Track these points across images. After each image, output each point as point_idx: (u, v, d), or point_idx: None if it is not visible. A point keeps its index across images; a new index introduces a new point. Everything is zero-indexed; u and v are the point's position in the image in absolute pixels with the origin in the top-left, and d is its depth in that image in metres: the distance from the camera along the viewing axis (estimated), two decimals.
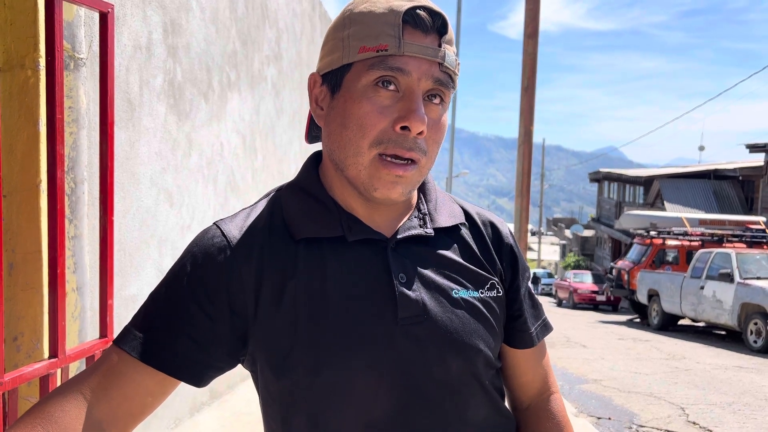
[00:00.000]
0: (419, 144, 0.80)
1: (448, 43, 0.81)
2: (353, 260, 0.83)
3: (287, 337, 0.80)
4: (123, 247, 2.50)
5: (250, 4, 4.06)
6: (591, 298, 19.48)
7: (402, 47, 0.77)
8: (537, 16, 8.30)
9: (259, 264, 0.82)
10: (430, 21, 0.79)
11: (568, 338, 9.61)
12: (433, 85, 0.80)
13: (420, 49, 0.78)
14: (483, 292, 0.88)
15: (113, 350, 0.81)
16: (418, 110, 0.78)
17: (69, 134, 2.02)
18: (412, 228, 0.87)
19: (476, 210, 0.97)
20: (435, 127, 0.82)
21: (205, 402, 3.65)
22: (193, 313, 0.81)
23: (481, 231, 0.94)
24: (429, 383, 0.82)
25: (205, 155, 3.38)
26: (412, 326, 0.81)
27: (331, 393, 0.80)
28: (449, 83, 0.81)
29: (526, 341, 0.95)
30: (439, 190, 0.95)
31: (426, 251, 0.87)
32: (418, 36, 0.78)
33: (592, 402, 5.38)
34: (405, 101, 0.79)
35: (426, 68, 0.79)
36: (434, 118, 0.81)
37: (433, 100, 0.81)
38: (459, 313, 0.85)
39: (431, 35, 0.79)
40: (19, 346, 1.90)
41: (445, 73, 0.80)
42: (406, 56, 0.78)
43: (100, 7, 1.74)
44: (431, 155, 0.83)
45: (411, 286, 0.83)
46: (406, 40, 0.78)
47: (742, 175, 21.41)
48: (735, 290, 9.62)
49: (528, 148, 8.38)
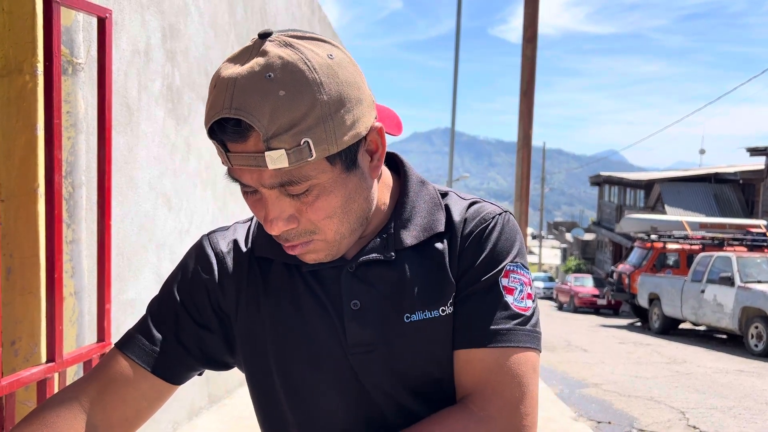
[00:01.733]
0: (296, 234, 0.76)
1: (275, 135, 0.67)
2: (314, 283, 0.84)
3: (263, 353, 0.85)
4: (121, 252, 2.50)
5: (249, 8, 4.07)
6: (592, 302, 19.44)
7: (228, 161, 0.71)
8: (536, 20, 8.31)
9: (238, 278, 0.87)
10: (238, 129, 0.67)
11: (568, 342, 9.60)
12: (276, 187, 0.71)
13: (243, 158, 0.69)
14: (445, 309, 0.81)
15: (114, 354, 0.85)
16: (268, 218, 0.73)
17: (67, 139, 2.02)
18: (373, 251, 0.83)
19: (464, 212, 0.86)
20: (311, 208, 0.73)
21: (204, 406, 3.65)
22: (183, 321, 0.85)
23: (457, 240, 0.84)
24: (387, 409, 0.82)
25: (204, 159, 3.38)
26: (362, 355, 0.81)
27: (306, 410, 0.84)
28: (296, 177, 0.70)
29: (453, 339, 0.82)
30: (424, 194, 0.87)
31: (386, 273, 0.82)
32: (237, 145, 0.69)
33: (593, 406, 5.37)
34: (263, 206, 0.75)
35: (257, 176, 0.71)
36: (305, 201, 0.73)
37: (292, 191, 0.72)
38: (411, 340, 0.81)
39: (251, 138, 0.68)
40: (16, 351, 1.90)
41: (285, 171, 0.69)
42: (236, 168, 0.71)
43: (99, 12, 1.75)
44: (328, 229, 0.75)
45: (363, 314, 0.81)
46: (230, 153, 0.70)
47: (743, 178, 21.39)
48: (736, 294, 9.60)
49: (527, 153, 8.38)
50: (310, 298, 0.83)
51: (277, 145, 0.67)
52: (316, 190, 0.72)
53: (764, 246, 12.86)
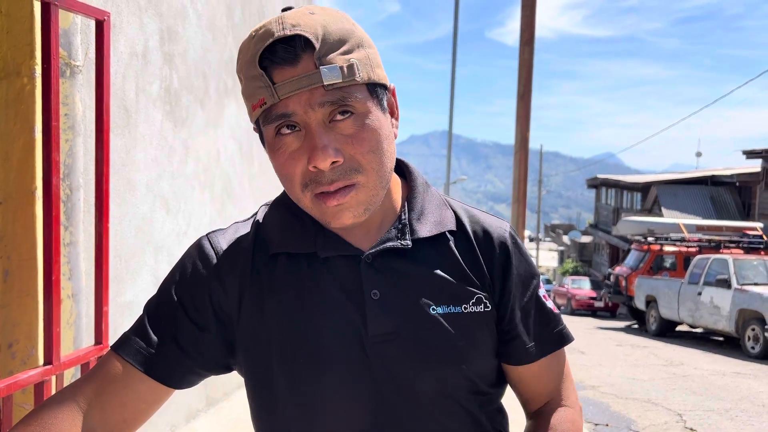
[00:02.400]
0: (341, 171, 0.76)
1: (327, 53, 0.73)
2: (328, 276, 0.83)
3: (266, 353, 0.82)
4: (119, 254, 2.50)
5: (247, 10, 4.08)
6: (589, 304, 19.46)
7: (275, 94, 0.73)
8: (533, 23, 8.33)
9: (242, 277, 0.84)
10: (290, 50, 0.72)
11: None
12: (327, 108, 0.74)
13: (293, 83, 0.73)
14: (467, 307, 0.83)
15: (110, 356, 0.83)
16: (317, 147, 0.74)
17: (65, 141, 2.02)
18: (389, 240, 0.84)
19: (472, 216, 0.91)
20: (355, 140, 0.76)
21: (201, 409, 3.64)
22: (182, 322, 0.83)
23: (471, 240, 0.88)
24: (402, 403, 0.80)
25: (202, 162, 3.38)
26: (383, 344, 0.80)
27: (310, 408, 0.81)
28: (348, 95, 0.74)
29: (521, 357, 0.89)
30: (430, 194, 0.91)
31: (405, 265, 0.84)
32: (288, 71, 0.73)
33: (590, 408, 5.37)
34: (306, 139, 0.76)
35: (307, 99, 0.73)
36: (350, 133, 0.76)
37: (339, 117, 0.75)
38: (434, 331, 0.81)
39: (302, 61, 0.73)
40: (14, 353, 1.90)
41: (335, 89, 0.74)
42: (284, 99, 0.74)
43: (97, 15, 1.75)
44: (370, 167, 0.77)
45: (384, 303, 0.81)
46: (277, 83, 0.73)
47: (739, 181, 21.45)
48: (732, 296, 9.62)
49: (524, 155, 8.39)
50: (322, 291, 0.81)
51: (329, 61, 0.73)
52: (360, 120, 0.76)
53: (761, 248, 12.89)
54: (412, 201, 0.89)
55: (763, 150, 18.43)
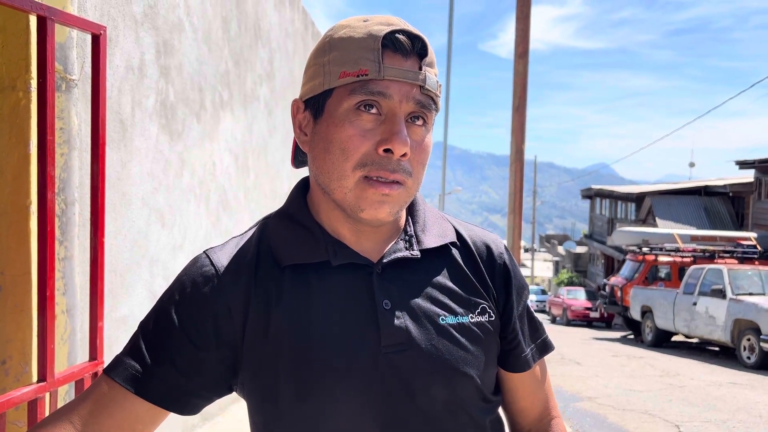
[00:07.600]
0: (403, 166, 0.79)
1: (428, 65, 0.81)
2: (338, 286, 0.82)
3: (273, 367, 0.80)
4: (114, 269, 2.49)
5: (242, 24, 4.09)
6: (584, 314, 19.45)
7: (382, 71, 0.77)
8: (527, 36, 8.39)
9: (246, 293, 0.82)
10: (409, 44, 0.79)
11: (562, 355, 9.57)
12: (414, 108, 0.80)
13: (400, 72, 0.78)
14: (473, 316, 0.85)
15: (103, 379, 0.81)
16: (401, 132, 0.77)
17: (60, 155, 2.01)
18: (398, 251, 0.85)
19: (469, 229, 0.94)
20: (419, 148, 0.81)
21: (197, 424, 3.61)
22: (180, 343, 0.80)
23: (472, 252, 0.91)
24: (413, 414, 0.80)
25: (197, 175, 3.37)
26: (395, 354, 0.80)
27: (316, 422, 0.79)
28: (431, 105, 0.81)
29: (521, 364, 0.92)
30: (429, 208, 0.93)
31: (414, 276, 0.85)
32: (398, 60, 0.78)
33: (587, 420, 5.35)
34: (387, 124, 0.78)
35: (407, 91, 0.79)
36: (417, 140, 0.81)
37: (416, 122, 0.81)
38: (445, 341, 0.82)
39: (411, 58, 0.79)
40: (7, 370, 1.88)
41: (426, 95, 0.80)
42: (387, 80, 0.78)
43: (93, 29, 1.75)
44: (417, 177, 0.82)
45: (395, 313, 0.81)
46: (386, 65, 0.77)
47: (733, 191, 21.56)
48: (727, 306, 9.64)
49: (519, 167, 8.41)
50: (333, 302, 0.81)
51: (430, 71, 0.81)
52: (427, 131, 0.83)
53: (755, 258, 12.94)
54: (414, 214, 0.91)
55: (756, 160, 18.54)
